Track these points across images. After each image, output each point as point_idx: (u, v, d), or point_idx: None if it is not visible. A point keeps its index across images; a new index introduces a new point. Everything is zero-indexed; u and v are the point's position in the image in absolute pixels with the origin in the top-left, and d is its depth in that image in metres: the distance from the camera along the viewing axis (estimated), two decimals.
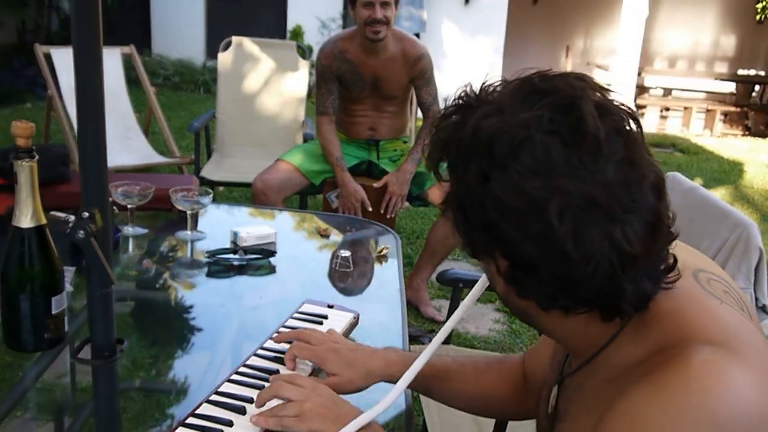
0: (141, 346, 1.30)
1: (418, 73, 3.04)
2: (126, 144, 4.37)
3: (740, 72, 11.22)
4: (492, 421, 1.54)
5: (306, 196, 3.54)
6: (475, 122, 0.73)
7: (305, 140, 3.88)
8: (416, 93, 3.15)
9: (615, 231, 0.68)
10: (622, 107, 0.73)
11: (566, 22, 11.28)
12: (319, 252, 1.85)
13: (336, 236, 1.92)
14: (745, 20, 9.91)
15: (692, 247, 0.91)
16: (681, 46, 11.31)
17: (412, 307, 3.26)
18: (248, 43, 4.12)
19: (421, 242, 3.64)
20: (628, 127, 0.71)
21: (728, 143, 8.59)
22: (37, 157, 1.12)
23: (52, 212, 1.77)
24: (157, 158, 4.40)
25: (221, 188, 4.28)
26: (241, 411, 0.99)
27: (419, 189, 3.14)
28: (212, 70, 8.97)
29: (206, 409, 0.99)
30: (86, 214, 1.08)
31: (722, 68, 11.64)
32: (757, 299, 1.64)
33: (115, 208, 1.68)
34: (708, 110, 9.70)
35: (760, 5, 7.31)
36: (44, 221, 1.15)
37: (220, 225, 1.95)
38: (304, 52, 4.22)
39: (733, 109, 10.12)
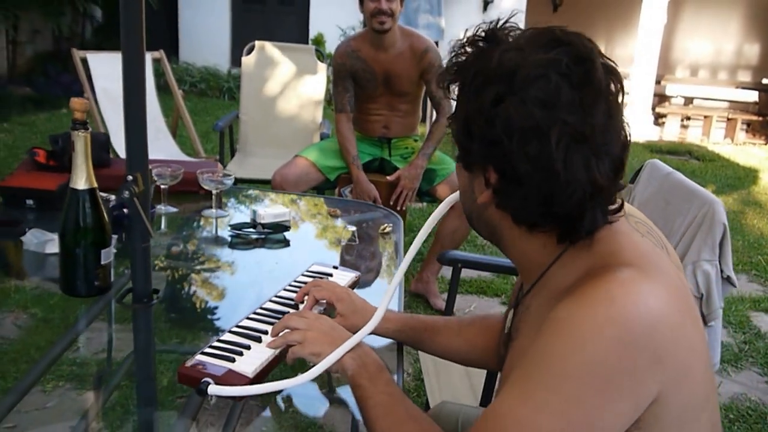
0: (177, 299, 1.52)
1: (426, 66, 3.23)
2: (155, 145, 4.59)
3: (764, 81, 11.24)
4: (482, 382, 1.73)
5: (322, 191, 3.75)
6: (500, 54, 0.88)
7: (321, 139, 4.10)
8: (427, 88, 3.34)
9: (592, 163, 0.86)
10: (618, 78, 0.92)
11: (586, 29, 11.20)
12: (328, 229, 2.06)
13: (345, 217, 2.13)
14: None
15: (667, 225, 1.10)
16: (703, 54, 11.35)
17: (422, 299, 3.45)
18: (270, 48, 4.36)
19: (431, 239, 3.83)
20: (619, 92, 0.91)
21: (746, 151, 8.66)
22: (90, 129, 1.34)
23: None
24: (183, 158, 4.64)
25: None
26: (258, 339, 1.20)
27: (428, 185, 3.33)
28: (237, 78, 9.25)
29: (228, 337, 1.20)
30: (130, 178, 1.30)
31: (745, 77, 11.64)
32: (722, 270, 1.81)
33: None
34: (729, 119, 9.72)
35: None
36: (95, 185, 1.36)
37: (240, 208, 2.17)
38: (322, 55, 4.44)
39: (755, 118, 10.14)
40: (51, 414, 1.10)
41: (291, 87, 4.36)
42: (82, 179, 1.35)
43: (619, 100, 0.91)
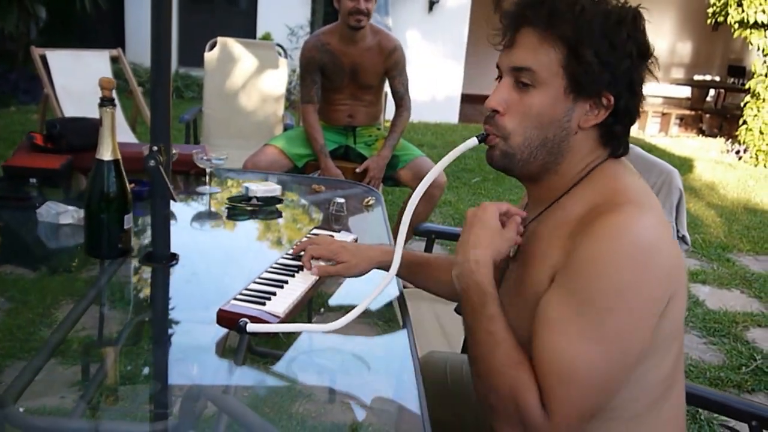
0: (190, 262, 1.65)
1: (392, 63, 3.42)
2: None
3: (696, 77, 11.81)
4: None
5: None
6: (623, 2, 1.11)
7: (285, 130, 4.23)
8: (390, 83, 3.52)
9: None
10: None
11: None
12: (316, 203, 2.22)
13: (329, 192, 2.29)
14: (700, 27, 10.45)
15: None
16: None
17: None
18: (232, 44, 4.47)
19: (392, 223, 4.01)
20: None
21: (680, 143, 9.14)
22: (117, 104, 1.47)
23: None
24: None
25: None
26: (281, 286, 1.35)
27: (392, 170, 3.50)
28: (184, 77, 9.28)
29: (254, 287, 1.35)
30: (155, 148, 1.44)
31: (678, 74, 12.22)
32: (678, 230, 2.04)
33: None
34: (663, 114, 10.21)
35: (710, 10, 7.83)
36: (119, 156, 1.49)
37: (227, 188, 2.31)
38: (284, 51, 4.57)
39: (688, 112, 10.69)
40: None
41: (253, 82, 4.48)
42: (108, 151, 1.48)
43: None
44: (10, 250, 1.65)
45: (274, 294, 1.32)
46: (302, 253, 1.47)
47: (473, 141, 1.17)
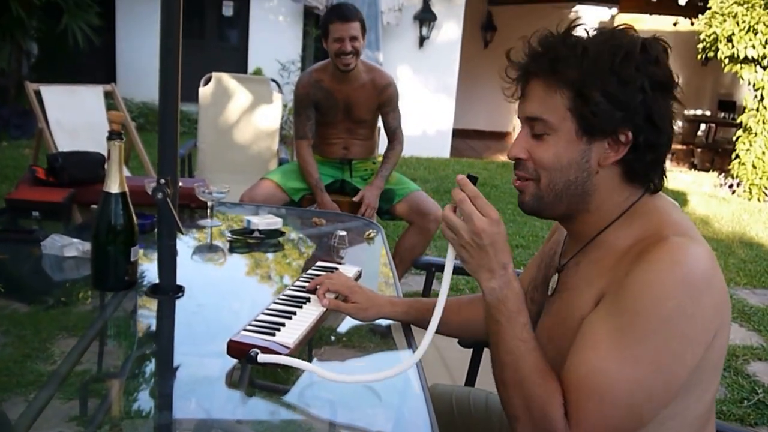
0: (195, 294, 1.64)
1: (386, 99, 3.46)
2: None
3: (686, 112, 11.98)
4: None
5: None
6: (630, 35, 1.10)
7: (281, 164, 4.25)
8: (383, 119, 3.55)
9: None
10: None
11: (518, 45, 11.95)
12: (317, 236, 2.22)
13: (329, 226, 2.30)
14: (690, 62, 10.64)
15: None
16: None
17: None
18: (227, 78, 4.51)
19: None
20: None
21: (673, 177, 9.23)
22: (125, 138, 1.47)
23: (93, 206, 2.11)
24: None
25: None
26: (289, 317, 1.35)
27: (388, 204, 3.52)
28: None
29: (263, 318, 1.35)
30: (163, 181, 1.44)
31: None
32: None
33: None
34: None
35: (700, 45, 7.99)
36: (126, 189, 1.50)
37: (227, 221, 2.31)
38: (279, 86, 4.61)
39: (679, 147, 10.82)
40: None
41: (247, 116, 4.51)
42: (115, 184, 1.48)
43: None
44: (11, 284, 1.64)
45: (283, 325, 1.32)
46: (317, 286, 1.48)
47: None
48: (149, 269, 1.67)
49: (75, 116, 4.63)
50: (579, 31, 1.12)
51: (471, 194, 1.12)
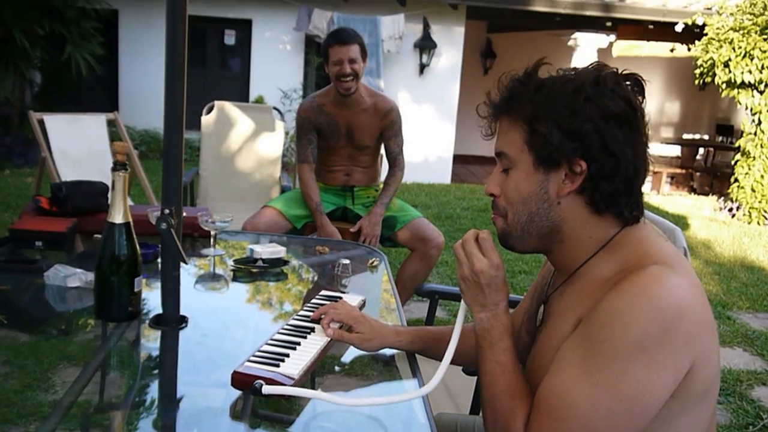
0: (199, 324, 1.64)
1: (388, 124, 3.47)
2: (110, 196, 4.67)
3: (685, 136, 12.03)
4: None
5: None
6: (581, 71, 1.14)
7: (283, 191, 4.26)
8: (385, 144, 3.56)
9: (646, 151, 1.13)
10: None
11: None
12: (320, 264, 2.22)
13: (333, 254, 2.30)
14: (688, 87, 10.73)
15: None
16: None
17: None
18: (229, 107, 4.54)
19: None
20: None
21: (673, 201, 9.25)
22: (129, 169, 1.48)
23: (96, 235, 2.12)
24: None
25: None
26: (293, 347, 1.34)
27: (390, 231, 3.52)
28: None
29: (266, 348, 1.34)
30: (167, 212, 1.44)
31: (668, 133, 12.45)
32: None
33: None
34: (654, 172, 10.36)
35: (697, 71, 8.05)
36: (130, 219, 1.50)
37: (230, 249, 2.32)
38: (281, 114, 4.64)
39: (679, 171, 10.85)
40: None
41: (249, 144, 4.53)
42: (119, 214, 1.48)
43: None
44: (14, 314, 1.64)
45: (287, 356, 1.31)
46: (322, 315, 1.47)
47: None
48: (152, 298, 1.67)
49: (78, 145, 4.65)
50: (544, 71, 1.18)
51: (480, 236, 1.21)
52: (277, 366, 1.26)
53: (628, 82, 1.14)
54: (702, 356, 1.04)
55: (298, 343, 1.37)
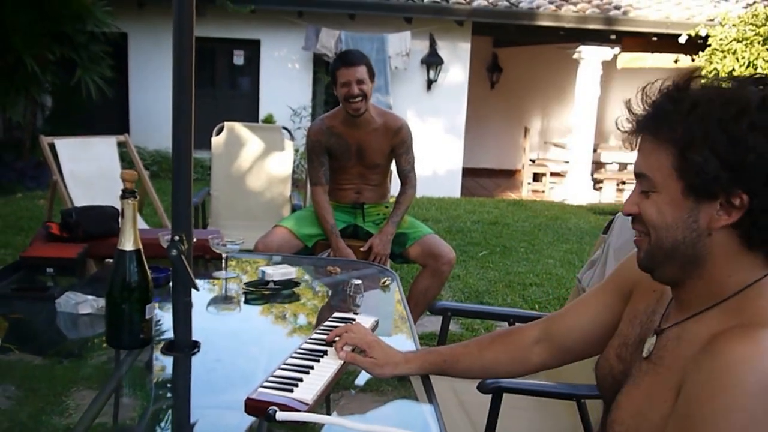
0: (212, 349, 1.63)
1: (399, 141, 3.47)
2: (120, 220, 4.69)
3: None
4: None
5: None
6: (740, 88, 1.00)
7: (294, 209, 4.26)
8: (396, 161, 3.56)
9: None
10: None
11: (523, 104, 12.08)
12: (333, 284, 2.21)
13: (345, 274, 2.29)
14: None
15: None
16: None
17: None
18: (239, 127, 4.56)
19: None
20: None
21: None
22: (138, 197, 1.48)
23: (107, 260, 2.12)
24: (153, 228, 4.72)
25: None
26: (307, 372, 1.33)
27: (401, 248, 3.50)
28: None
29: (280, 373, 1.33)
30: (177, 238, 1.44)
31: None
32: None
33: None
34: None
35: (702, 81, 8.03)
36: (140, 246, 1.49)
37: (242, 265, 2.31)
38: (290, 134, 4.65)
39: None
40: None
41: (260, 164, 4.54)
42: (129, 241, 1.48)
43: None
44: (26, 342, 1.63)
45: (301, 380, 1.30)
46: (335, 338, 1.47)
47: None
48: (164, 322, 1.66)
49: (89, 167, 4.68)
50: (697, 83, 1.06)
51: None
52: (291, 391, 1.25)
53: None
54: None
55: (312, 367, 1.36)
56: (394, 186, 3.75)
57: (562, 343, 1.43)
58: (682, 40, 8.73)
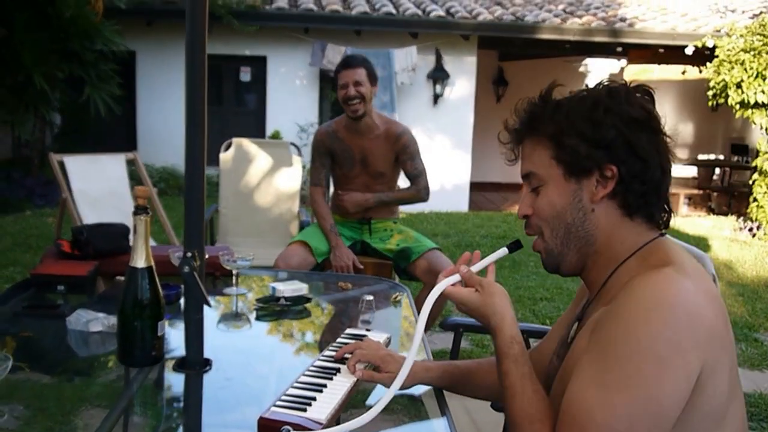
0: (223, 366, 1.62)
1: (401, 148, 3.46)
2: (131, 237, 4.69)
3: (700, 157, 11.96)
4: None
5: None
6: (595, 86, 1.20)
7: (302, 227, 4.25)
8: (403, 168, 3.54)
9: (669, 153, 1.19)
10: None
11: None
12: (344, 301, 2.20)
13: (355, 290, 2.27)
14: (701, 108, 10.69)
15: None
16: None
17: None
18: (247, 143, 4.56)
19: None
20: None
21: (692, 222, 9.16)
22: (150, 213, 1.47)
23: (117, 277, 2.11)
24: (162, 245, 4.71)
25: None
26: (320, 390, 1.31)
27: (406, 262, 3.46)
28: None
29: (293, 391, 1.31)
30: (189, 254, 1.43)
31: (683, 154, 12.37)
32: None
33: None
34: (672, 194, 10.27)
35: (710, 92, 8.04)
36: (152, 263, 1.49)
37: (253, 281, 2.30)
38: (298, 149, 4.65)
39: (696, 192, 10.77)
40: None
41: (268, 180, 4.54)
42: (141, 258, 1.47)
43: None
44: (36, 360, 1.63)
45: (314, 399, 1.28)
46: (347, 354, 1.45)
47: (503, 250, 1.31)
48: (175, 339, 1.65)
49: (98, 185, 4.69)
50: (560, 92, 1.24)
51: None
52: (305, 410, 1.23)
53: (638, 93, 1.19)
54: (713, 366, 1.02)
55: (325, 385, 1.35)
56: (403, 207, 3.74)
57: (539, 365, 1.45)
58: (688, 51, 8.73)
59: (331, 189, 3.72)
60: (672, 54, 9.53)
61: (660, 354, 0.99)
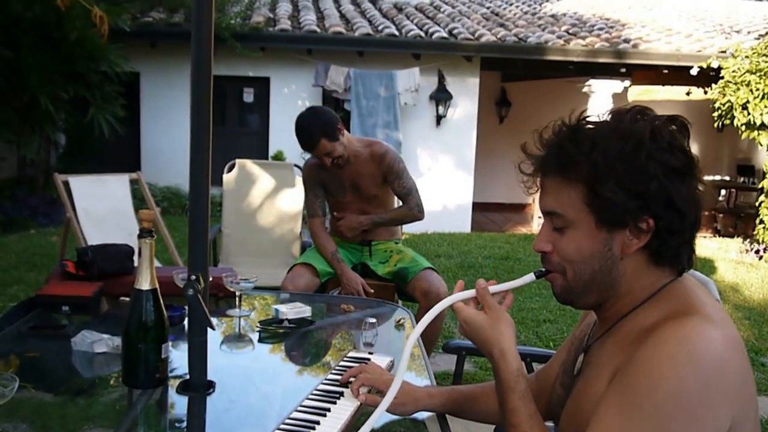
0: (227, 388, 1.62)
1: (386, 168, 3.46)
2: (135, 258, 4.71)
3: (706, 178, 11.93)
4: None
5: None
6: (631, 123, 1.10)
7: (304, 248, 4.26)
8: (392, 188, 3.54)
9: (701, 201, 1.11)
10: None
11: (530, 137, 12.09)
12: (347, 323, 2.20)
13: (357, 312, 2.28)
14: (706, 129, 10.72)
15: None
16: None
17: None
18: (250, 165, 4.58)
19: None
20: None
21: (698, 243, 9.06)
22: (155, 236, 1.49)
23: (122, 298, 2.12)
24: (165, 267, 4.72)
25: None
26: (324, 414, 1.32)
27: (404, 282, 3.43)
28: None
29: (296, 415, 1.32)
30: (194, 277, 1.44)
31: None
32: None
33: None
34: None
35: (715, 114, 8.05)
36: (157, 285, 1.50)
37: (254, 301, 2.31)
38: (301, 170, 4.67)
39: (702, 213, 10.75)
40: None
41: (270, 201, 4.56)
42: (146, 281, 1.48)
43: None
44: (41, 381, 1.63)
45: (318, 423, 1.29)
46: (351, 378, 1.45)
47: (531, 277, 1.23)
48: (179, 360, 1.65)
49: (102, 204, 4.72)
50: (589, 118, 1.14)
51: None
52: None
53: (674, 126, 1.11)
54: (741, 414, 1.01)
55: (328, 409, 1.35)
56: (406, 228, 3.73)
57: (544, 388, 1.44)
58: (693, 72, 8.74)
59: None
60: (676, 75, 9.55)
61: (691, 411, 0.97)
